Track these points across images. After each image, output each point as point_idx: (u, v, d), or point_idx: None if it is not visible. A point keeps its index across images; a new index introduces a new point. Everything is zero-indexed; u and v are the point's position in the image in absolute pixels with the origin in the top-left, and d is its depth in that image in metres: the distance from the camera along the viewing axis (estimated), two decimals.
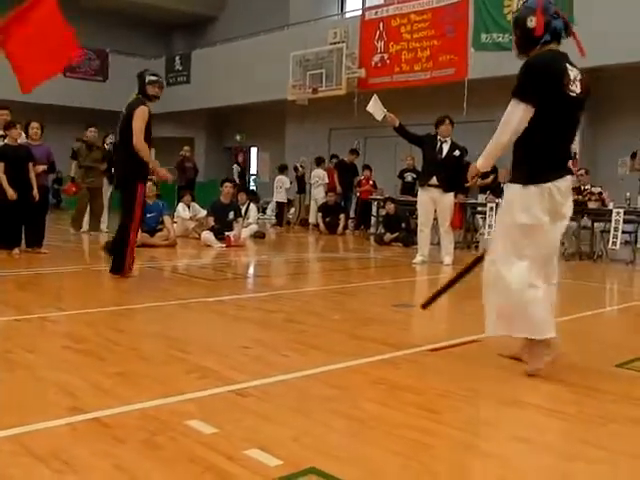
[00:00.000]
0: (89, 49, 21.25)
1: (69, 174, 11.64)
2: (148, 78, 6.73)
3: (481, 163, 3.82)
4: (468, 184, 4.29)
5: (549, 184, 3.56)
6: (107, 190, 12.22)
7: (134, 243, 6.81)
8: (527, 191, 3.58)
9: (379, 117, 8.34)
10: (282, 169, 16.46)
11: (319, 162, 16.12)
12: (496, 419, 3.00)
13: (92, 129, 11.61)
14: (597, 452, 2.60)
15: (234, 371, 3.53)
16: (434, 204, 8.85)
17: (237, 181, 17.38)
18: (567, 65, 3.62)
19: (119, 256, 6.71)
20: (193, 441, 2.54)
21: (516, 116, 3.55)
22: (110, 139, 12.06)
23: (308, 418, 2.85)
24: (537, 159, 3.61)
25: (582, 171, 11.06)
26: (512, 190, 3.70)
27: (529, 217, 3.56)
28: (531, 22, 3.63)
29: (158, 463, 2.35)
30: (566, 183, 3.68)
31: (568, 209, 3.72)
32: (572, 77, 3.61)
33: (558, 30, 3.67)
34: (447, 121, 8.79)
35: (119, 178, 7.09)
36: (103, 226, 12.14)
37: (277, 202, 16.52)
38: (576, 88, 3.63)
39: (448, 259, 8.83)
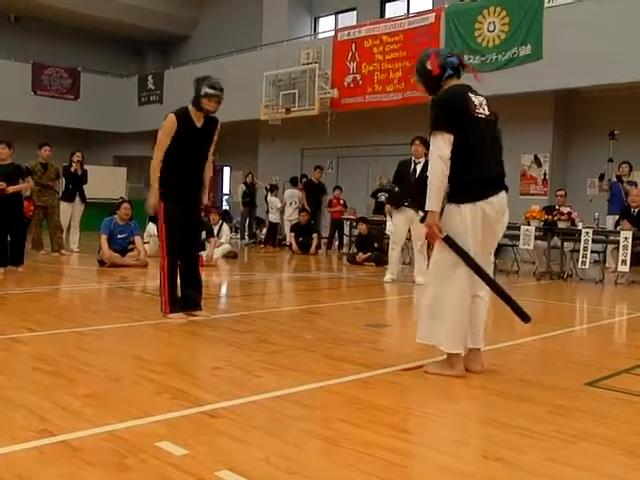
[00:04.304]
0: (60, 67, 21.20)
1: (25, 194, 11.52)
2: (204, 90, 5.76)
3: (430, 205, 3.94)
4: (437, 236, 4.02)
5: (480, 202, 3.87)
6: (80, 209, 12.14)
7: (168, 274, 5.68)
8: (459, 209, 3.88)
9: None
10: (271, 189, 16.41)
11: (295, 182, 16.15)
12: (468, 438, 3.01)
13: (46, 147, 11.50)
14: (568, 470, 2.61)
15: (205, 392, 3.50)
16: (409, 223, 8.93)
17: (240, 201, 17.28)
18: (470, 94, 4.01)
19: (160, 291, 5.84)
20: (163, 463, 2.51)
21: (439, 145, 3.88)
22: (77, 157, 11.98)
23: (280, 439, 2.83)
24: (466, 179, 3.91)
25: (561, 192, 11.18)
26: (447, 210, 3.96)
27: (460, 233, 3.86)
28: (429, 65, 4.08)
29: None
30: (499, 199, 3.96)
31: (503, 224, 4.07)
32: (477, 103, 3.99)
33: (455, 65, 4.08)
34: (417, 141, 8.90)
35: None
36: (74, 246, 12.03)
37: (270, 222, 16.39)
38: (484, 110, 4.01)
39: (420, 278, 8.87)
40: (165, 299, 5.71)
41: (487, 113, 4.01)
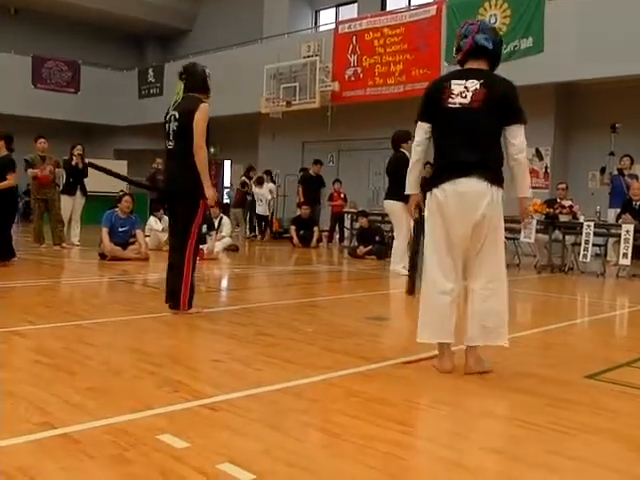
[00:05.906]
0: (60, 60, 21.17)
1: (28, 185, 11.54)
2: (207, 71, 5.66)
3: (407, 188, 4.20)
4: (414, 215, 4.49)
5: (436, 189, 3.89)
6: (81, 202, 12.14)
7: (193, 267, 5.59)
8: (428, 196, 4.00)
9: None
10: (260, 182, 16.42)
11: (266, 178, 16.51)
12: (468, 431, 3.01)
13: (42, 140, 11.46)
14: (568, 463, 2.61)
15: (205, 385, 3.51)
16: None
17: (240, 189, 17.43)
18: (452, 82, 3.89)
19: (176, 288, 5.57)
20: (164, 455, 2.51)
21: (416, 133, 4.07)
22: (78, 150, 11.96)
23: (280, 431, 2.84)
24: (435, 167, 4.00)
25: (563, 185, 11.18)
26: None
27: (428, 219, 3.98)
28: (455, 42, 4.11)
29: (129, 478, 2.32)
30: (454, 185, 3.82)
31: (474, 214, 3.78)
32: (457, 91, 3.85)
33: (462, 49, 3.97)
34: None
35: (173, 192, 5.68)
36: (75, 239, 12.02)
37: (258, 215, 16.36)
38: (461, 99, 3.82)
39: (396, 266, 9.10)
40: (186, 294, 5.54)
41: (466, 102, 3.79)
